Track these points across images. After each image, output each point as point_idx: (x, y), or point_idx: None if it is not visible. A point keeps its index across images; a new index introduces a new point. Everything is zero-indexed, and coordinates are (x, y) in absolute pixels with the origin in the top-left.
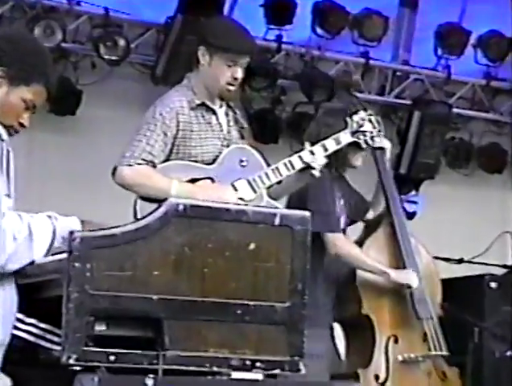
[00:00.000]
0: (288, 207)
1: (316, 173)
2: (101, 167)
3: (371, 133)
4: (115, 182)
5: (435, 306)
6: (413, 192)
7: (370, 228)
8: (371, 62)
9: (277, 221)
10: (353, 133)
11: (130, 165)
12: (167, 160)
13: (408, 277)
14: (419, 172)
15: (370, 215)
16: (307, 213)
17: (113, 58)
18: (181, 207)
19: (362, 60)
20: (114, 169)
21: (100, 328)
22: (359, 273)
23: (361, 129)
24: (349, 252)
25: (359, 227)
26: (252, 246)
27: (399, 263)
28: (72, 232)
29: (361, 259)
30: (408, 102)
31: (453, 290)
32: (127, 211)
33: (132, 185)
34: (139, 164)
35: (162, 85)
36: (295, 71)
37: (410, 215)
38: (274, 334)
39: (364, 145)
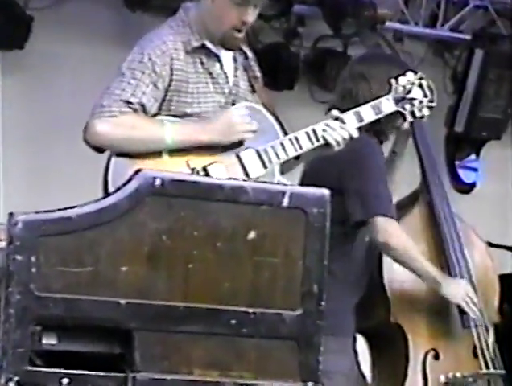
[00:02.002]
0: (302, 181)
1: (339, 147)
2: (60, 120)
3: (420, 102)
4: (86, 142)
5: (489, 311)
6: (472, 156)
7: (403, 209)
8: None
9: (286, 202)
10: (398, 101)
11: (112, 116)
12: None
13: (459, 294)
14: (480, 130)
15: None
16: (325, 191)
17: None
18: (158, 182)
19: None
20: (87, 123)
21: (49, 341)
22: (387, 268)
23: (409, 96)
24: (404, 243)
25: None
26: (252, 235)
27: (440, 257)
28: (12, 214)
29: (415, 256)
30: (467, 37)
31: None
32: (95, 179)
33: (112, 141)
34: (123, 112)
35: (140, 12)
36: None
37: (468, 187)
38: (280, 351)
39: (409, 118)
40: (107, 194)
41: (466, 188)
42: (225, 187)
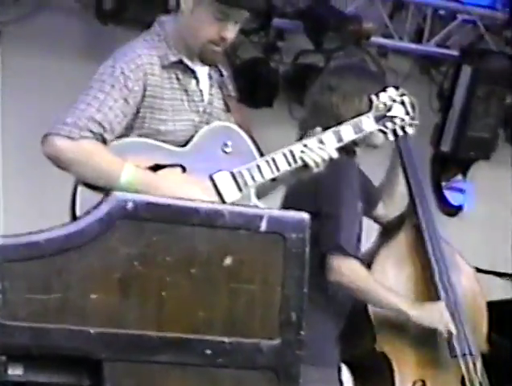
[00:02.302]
0: (284, 205)
1: (318, 168)
2: (25, 137)
3: (402, 120)
4: (44, 154)
5: (478, 339)
6: (459, 177)
7: (388, 233)
8: None
9: (263, 226)
10: (379, 119)
11: (71, 137)
12: (123, 136)
13: (435, 318)
14: (468, 150)
15: (380, 210)
16: (305, 215)
17: None
18: (130, 205)
19: None
20: (45, 136)
21: (15, 372)
22: None
23: (390, 113)
24: (357, 282)
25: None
26: (228, 261)
27: (427, 282)
28: None
29: (373, 293)
30: (455, 52)
31: (505, 317)
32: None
33: (68, 163)
34: (85, 137)
35: (113, 25)
36: (298, 6)
37: (455, 210)
38: (258, 382)
39: (391, 137)
40: (75, 218)
41: (453, 211)
42: (200, 211)
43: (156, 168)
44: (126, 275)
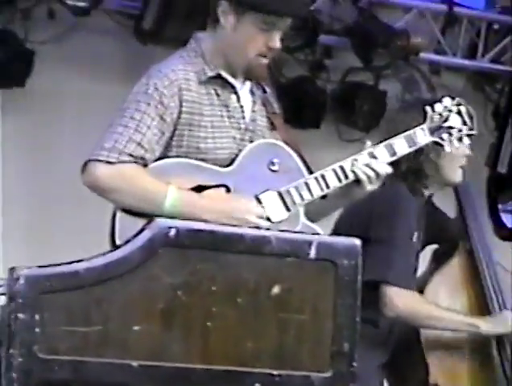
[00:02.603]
0: (335, 232)
1: (371, 186)
2: (62, 164)
3: (459, 131)
4: (84, 183)
5: None
6: None
7: (440, 258)
8: (457, 9)
9: (313, 253)
10: (434, 131)
11: (110, 162)
12: (162, 157)
13: (507, 323)
14: None
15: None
16: (356, 241)
17: (80, 4)
18: (173, 232)
19: (444, 8)
20: (85, 164)
21: None
22: None
23: (446, 124)
24: (415, 312)
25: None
26: (276, 289)
27: (482, 310)
28: (13, 269)
29: (436, 317)
30: (510, 68)
31: None
32: (101, 232)
33: (108, 190)
34: (124, 161)
35: (152, 44)
36: (345, 22)
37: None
38: None
39: (448, 148)
40: (116, 246)
41: (509, 234)
42: (245, 237)
43: (199, 189)
44: (170, 305)
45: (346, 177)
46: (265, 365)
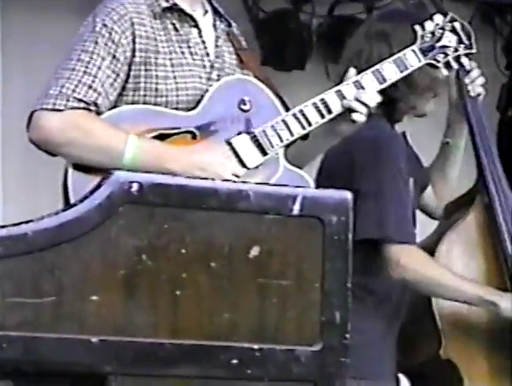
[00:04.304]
0: (318, 183)
1: (360, 118)
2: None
3: (456, 50)
4: (31, 140)
5: None
6: None
7: (453, 215)
8: None
9: (296, 209)
10: (427, 52)
11: (58, 109)
12: (116, 105)
13: None
14: None
15: (428, 197)
16: (347, 194)
17: None
18: (135, 188)
19: None
20: (30, 117)
21: None
22: None
23: (439, 43)
24: (425, 275)
25: None
26: (255, 251)
27: (502, 273)
28: None
29: (449, 285)
30: None
31: None
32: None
33: (59, 143)
34: (74, 108)
35: None
36: None
37: None
38: None
39: (445, 72)
40: (69, 204)
41: None
42: (219, 192)
43: (161, 138)
44: (133, 271)
45: (329, 111)
46: (243, 339)
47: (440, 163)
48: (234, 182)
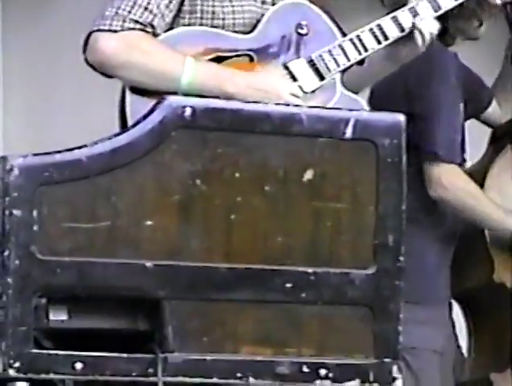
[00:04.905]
0: (370, 103)
1: (420, 41)
2: (62, 39)
3: None
4: (87, 61)
5: None
6: None
7: (501, 139)
8: None
9: (349, 132)
10: None
11: (114, 30)
12: (171, 28)
13: None
14: None
15: (493, 113)
16: (400, 117)
17: None
18: (188, 112)
19: None
20: (87, 39)
21: (58, 317)
22: None
23: None
24: (464, 199)
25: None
26: (309, 175)
27: None
28: (4, 158)
29: (485, 212)
30: None
31: None
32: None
33: (116, 65)
34: (130, 28)
35: None
36: None
37: None
38: (349, 320)
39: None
40: (124, 129)
41: None
42: (272, 116)
43: (219, 60)
44: (187, 196)
45: (386, 37)
46: (297, 262)
47: (503, 78)
48: (287, 105)
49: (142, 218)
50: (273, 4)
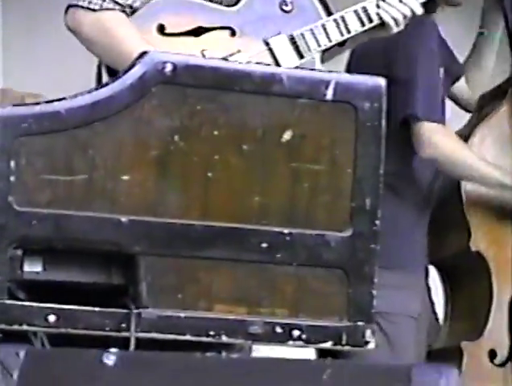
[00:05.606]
0: (349, 68)
1: (398, 27)
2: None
3: None
4: (66, 27)
5: None
6: None
7: (486, 107)
8: None
9: (330, 93)
10: None
11: (92, 8)
12: None
13: None
14: None
15: (461, 89)
16: (381, 80)
17: None
18: (169, 68)
19: None
20: (67, 8)
21: (33, 269)
22: (468, 184)
23: None
24: (453, 154)
25: None
26: (288, 135)
27: None
28: None
29: (474, 164)
30: None
31: None
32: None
33: (86, 41)
34: (108, 9)
35: None
36: None
37: None
38: (323, 282)
39: None
40: (102, 83)
41: None
42: (253, 75)
43: (199, 31)
44: (165, 151)
45: (370, 20)
46: (274, 222)
47: (475, 55)
48: (268, 65)
49: (119, 172)
50: None
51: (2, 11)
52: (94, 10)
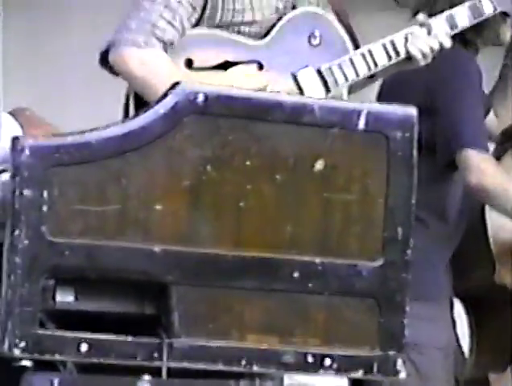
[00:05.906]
0: (379, 98)
1: (421, 61)
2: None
3: None
4: (112, 68)
5: None
6: None
7: (504, 144)
8: None
9: (362, 123)
10: None
11: (137, 45)
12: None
13: None
14: None
15: (490, 119)
16: (412, 110)
17: None
18: (201, 98)
19: None
20: (107, 48)
21: (65, 299)
22: (493, 215)
23: None
24: (502, 185)
25: None
26: (320, 165)
27: None
28: (16, 139)
29: None
30: None
31: None
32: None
33: (131, 76)
34: (151, 45)
35: None
36: None
37: None
38: (355, 311)
39: None
40: (135, 113)
41: None
42: (284, 105)
43: (226, 66)
44: (197, 181)
45: (397, 54)
46: (306, 252)
47: (501, 86)
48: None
49: (151, 202)
50: (293, 7)
51: (3, 27)
52: (139, 47)
